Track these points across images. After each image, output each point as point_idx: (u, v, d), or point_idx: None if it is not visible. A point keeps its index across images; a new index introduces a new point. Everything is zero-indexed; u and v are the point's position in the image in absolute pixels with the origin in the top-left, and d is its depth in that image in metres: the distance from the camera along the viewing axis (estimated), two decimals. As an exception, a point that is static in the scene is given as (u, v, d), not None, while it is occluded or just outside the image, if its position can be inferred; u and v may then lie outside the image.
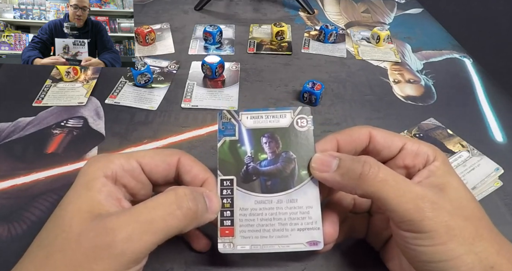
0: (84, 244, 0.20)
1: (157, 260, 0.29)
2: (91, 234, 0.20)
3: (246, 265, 0.29)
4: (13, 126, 0.40)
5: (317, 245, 0.24)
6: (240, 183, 0.25)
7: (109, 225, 0.20)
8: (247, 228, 0.25)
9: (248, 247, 0.24)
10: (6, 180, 0.35)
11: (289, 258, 0.29)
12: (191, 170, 0.25)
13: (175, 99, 0.45)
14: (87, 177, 0.23)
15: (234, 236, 0.24)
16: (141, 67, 0.46)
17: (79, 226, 0.21)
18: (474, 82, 0.50)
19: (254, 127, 0.26)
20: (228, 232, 0.24)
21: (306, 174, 0.25)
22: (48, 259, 0.20)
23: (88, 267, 0.20)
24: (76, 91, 0.45)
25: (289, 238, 0.24)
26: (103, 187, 0.22)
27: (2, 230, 0.30)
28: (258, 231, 0.24)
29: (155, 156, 0.25)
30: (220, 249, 0.24)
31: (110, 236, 0.20)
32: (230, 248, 0.24)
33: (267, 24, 0.61)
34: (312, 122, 0.26)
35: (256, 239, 0.24)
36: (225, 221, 0.25)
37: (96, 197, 0.22)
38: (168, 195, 0.22)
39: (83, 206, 0.21)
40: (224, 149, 0.26)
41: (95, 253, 0.20)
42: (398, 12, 0.68)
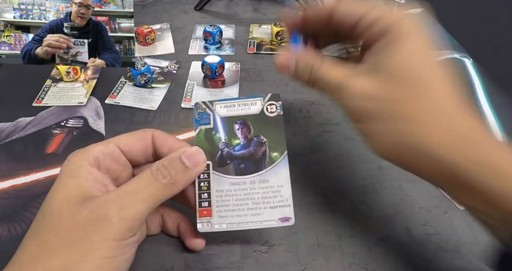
0: (79, 221, 0.21)
1: (157, 260, 0.29)
2: (84, 211, 0.21)
3: (246, 265, 0.29)
4: (13, 126, 0.40)
5: (288, 221, 0.26)
6: (216, 167, 0.27)
7: (101, 201, 0.21)
8: (223, 208, 0.27)
9: (225, 225, 0.26)
10: (6, 180, 0.35)
11: (289, 258, 0.29)
12: (167, 142, 0.26)
13: (175, 99, 0.45)
14: (71, 167, 0.23)
15: (211, 216, 0.26)
16: (141, 67, 0.46)
17: (70, 209, 0.21)
18: (474, 82, 0.50)
19: (228, 116, 0.28)
20: (206, 213, 0.26)
21: (277, 155, 0.27)
22: (44, 245, 0.20)
23: (87, 240, 0.20)
24: (76, 91, 0.45)
25: (262, 215, 0.26)
26: (89, 174, 0.23)
27: (2, 230, 0.30)
28: (234, 210, 0.26)
29: (130, 136, 0.26)
30: (199, 229, 0.26)
31: (104, 208, 0.21)
32: (208, 227, 0.26)
33: (267, 24, 0.60)
34: (281, 108, 0.28)
35: (232, 218, 0.26)
36: (202, 202, 0.27)
37: (83, 183, 0.22)
38: (145, 171, 0.24)
39: (70, 192, 0.22)
40: (200, 136, 0.28)
41: (93, 225, 0.20)
42: (398, 12, 0.68)
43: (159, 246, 0.30)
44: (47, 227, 0.21)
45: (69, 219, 0.21)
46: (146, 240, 0.29)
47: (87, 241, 0.20)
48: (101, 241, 0.20)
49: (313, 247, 0.30)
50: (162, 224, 0.29)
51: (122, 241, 0.21)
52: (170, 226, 0.29)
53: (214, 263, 0.29)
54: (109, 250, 0.21)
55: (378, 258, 0.29)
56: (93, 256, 0.20)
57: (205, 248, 0.29)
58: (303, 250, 0.30)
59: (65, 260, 0.20)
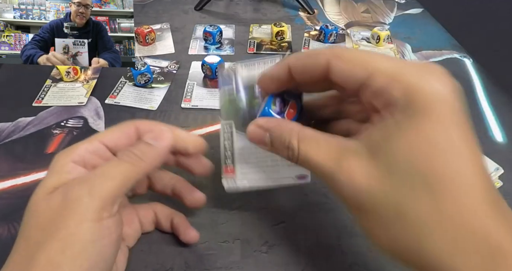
0: (55, 208, 0.21)
1: (157, 260, 0.29)
2: (57, 197, 0.21)
3: (246, 265, 0.29)
4: (13, 126, 0.40)
5: (305, 178, 0.27)
6: (239, 126, 0.27)
7: (72, 184, 0.21)
8: (245, 165, 0.27)
9: (247, 181, 0.27)
10: (6, 180, 0.35)
11: (289, 258, 0.29)
12: (153, 130, 0.26)
13: (175, 99, 0.45)
14: (55, 166, 0.23)
15: (235, 173, 0.27)
16: (141, 67, 0.46)
17: (45, 200, 0.21)
18: (474, 82, 0.50)
19: (248, 75, 0.28)
20: (230, 170, 0.28)
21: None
22: (28, 242, 0.20)
23: (64, 225, 0.20)
24: (76, 91, 0.45)
25: (280, 173, 0.27)
26: (73, 170, 0.23)
27: (2, 230, 0.30)
28: (254, 167, 0.27)
29: (114, 131, 0.26)
30: (226, 186, 0.28)
31: (75, 191, 0.21)
32: (233, 184, 0.28)
33: (267, 24, 0.61)
34: None
35: (253, 174, 0.27)
36: (226, 160, 0.28)
37: (64, 177, 0.22)
38: (112, 157, 0.24)
39: (48, 185, 0.22)
40: (224, 97, 0.28)
41: (67, 209, 0.20)
42: (398, 12, 0.68)
43: (159, 246, 0.30)
44: (28, 224, 0.21)
45: (46, 209, 0.21)
46: (146, 240, 0.29)
47: (63, 227, 0.20)
48: (78, 224, 0.20)
49: (313, 247, 0.30)
50: (155, 220, 0.30)
51: (99, 221, 0.21)
52: (164, 221, 0.29)
53: (214, 263, 0.29)
54: (87, 233, 0.20)
55: (378, 258, 0.29)
56: (72, 241, 0.20)
57: (205, 248, 0.30)
58: (303, 250, 0.30)
59: (48, 252, 0.19)
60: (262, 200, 0.33)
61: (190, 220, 0.30)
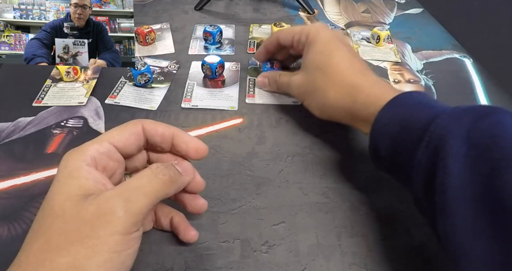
0: (85, 217, 0.21)
1: (157, 260, 0.29)
2: (91, 207, 0.21)
3: (246, 265, 0.29)
4: (13, 126, 0.40)
5: (297, 103, 0.44)
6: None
7: (107, 196, 0.22)
8: (262, 95, 0.46)
9: (261, 101, 0.45)
10: (6, 180, 0.35)
11: (289, 258, 0.29)
12: (157, 131, 0.27)
13: (175, 99, 0.45)
14: (70, 168, 0.23)
15: (255, 97, 0.45)
16: (141, 67, 0.46)
17: (74, 207, 0.21)
18: (474, 82, 0.50)
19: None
20: (251, 95, 0.46)
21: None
22: (49, 244, 0.20)
23: (94, 235, 0.20)
24: (76, 91, 0.45)
25: (282, 100, 0.45)
26: (89, 174, 0.23)
27: (2, 230, 0.30)
28: (266, 96, 0.46)
29: (122, 131, 0.27)
30: (248, 102, 0.45)
31: (110, 203, 0.21)
32: (253, 101, 0.45)
33: (267, 24, 0.61)
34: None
35: (265, 99, 0.45)
36: (250, 91, 0.46)
37: (84, 183, 0.22)
38: (145, 170, 0.25)
39: (72, 192, 0.22)
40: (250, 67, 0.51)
41: (100, 220, 0.21)
42: (398, 12, 0.68)
43: (159, 246, 0.30)
44: (51, 227, 0.21)
45: (74, 217, 0.21)
46: (146, 240, 0.29)
47: (94, 236, 0.20)
48: (108, 236, 0.21)
49: (313, 247, 0.30)
50: (154, 219, 0.30)
51: (127, 235, 0.22)
52: (163, 220, 0.29)
53: (214, 263, 0.29)
54: (116, 244, 0.21)
55: (378, 258, 0.29)
56: (100, 250, 0.20)
57: (205, 248, 0.30)
58: (303, 250, 0.30)
59: (72, 257, 0.20)
60: (262, 200, 0.33)
61: (190, 220, 0.30)
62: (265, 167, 0.37)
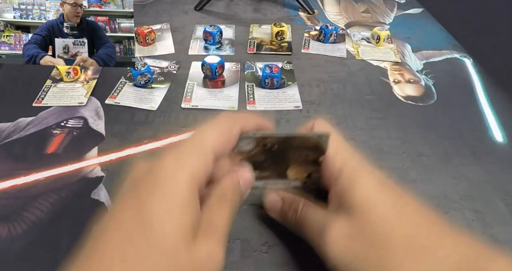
0: (196, 263, 0.20)
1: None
2: (202, 254, 0.21)
3: (246, 265, 0.29)
4: (13, 127, 0.40)
5: (299, 107, 0.44)
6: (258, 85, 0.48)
7: (210, 245, 0.22)
8: (262, 101, 0.45)
9: (263, 107, 0.44)
10: (6, 180, 0.35)
11: (289, 258, 0.29)
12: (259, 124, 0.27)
13: (175, 99, 0.45)
14: (186, 192, 0.21)
15: (255, 103, 0.44)
16: (141, 68, 0.46)
17: (186, 249, 0.20)
18: (474, 82, 0.50)
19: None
20: (251, 102, 0.45)
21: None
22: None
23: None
24: (76, 91, 0.45)
25: (283, 105, 0.44)
26: (198, 205, 0.22)
27: (2, 230, 0.30)
28: (267, 102, 0.45)
29: (222, 137, 0.24)
30: (249, 110, 0.44)
31: (213, 257, 0.21)
32: (254, 108, 0.44)
33: (267, 24, 0.61)
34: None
35: (266, 104, 0.44)
36: (250, 98, 0.45)
37: (194, 218, 0.21)
38: (217, 191, 0.24)
39: (184, 227, 0.21)
40: (247, 73, 0.49)
41: (203, 268, 0.21)
42: (398, 12, 0.68)
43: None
44: (159, 263, 0.19)
45: (186, 260, 0.20)
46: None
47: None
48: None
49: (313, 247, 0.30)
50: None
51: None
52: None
53: (214, 263, 0.29)
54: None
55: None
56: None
57: (205, 248, 0.29)
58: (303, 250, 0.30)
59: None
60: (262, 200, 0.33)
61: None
62: (265, 167, 0.37)
